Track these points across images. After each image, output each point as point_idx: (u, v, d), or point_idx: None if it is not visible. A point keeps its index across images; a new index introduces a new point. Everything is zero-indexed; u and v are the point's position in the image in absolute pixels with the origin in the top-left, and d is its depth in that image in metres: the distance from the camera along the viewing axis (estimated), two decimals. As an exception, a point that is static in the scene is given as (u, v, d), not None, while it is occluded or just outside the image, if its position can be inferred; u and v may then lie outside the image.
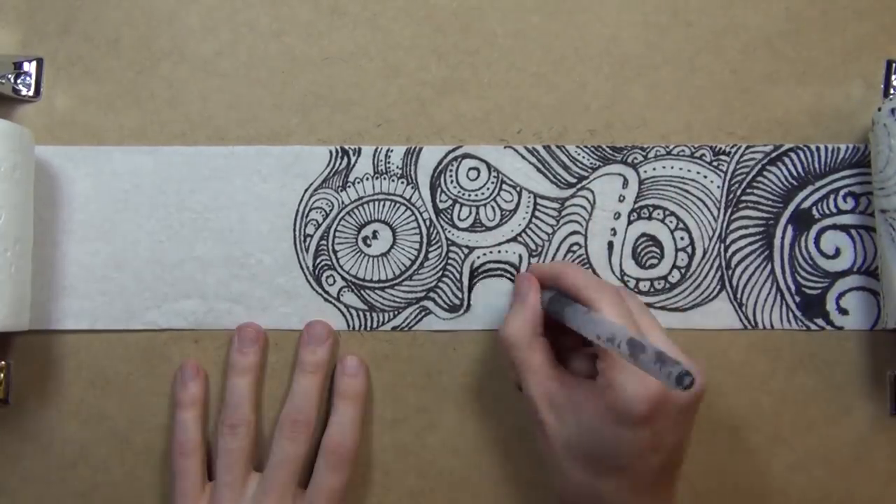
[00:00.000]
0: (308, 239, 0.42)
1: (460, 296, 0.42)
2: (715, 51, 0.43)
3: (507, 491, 0.42)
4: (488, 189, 0.42)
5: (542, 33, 0.43)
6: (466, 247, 0.42)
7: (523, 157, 0.42)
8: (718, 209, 0.42)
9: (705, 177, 0.42)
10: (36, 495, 0.42)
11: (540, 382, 0.36)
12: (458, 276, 0.42)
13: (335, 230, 0.42)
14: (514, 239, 0.42)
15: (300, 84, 0.43)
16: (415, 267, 0.42)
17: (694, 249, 0.42)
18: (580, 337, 0.34)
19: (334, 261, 0.42)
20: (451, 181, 0.42)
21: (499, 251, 0.42)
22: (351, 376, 0.41)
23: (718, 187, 0.42)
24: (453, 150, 0.42)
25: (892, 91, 0.42)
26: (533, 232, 0.42)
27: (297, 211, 0.42)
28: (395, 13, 0.43)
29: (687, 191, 0.42)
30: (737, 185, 0.42)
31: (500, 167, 0.42)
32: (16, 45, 0.43)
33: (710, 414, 0.41)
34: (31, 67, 0.43)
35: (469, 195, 0.42)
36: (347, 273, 0.42)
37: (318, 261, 0.42)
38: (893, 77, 0.42)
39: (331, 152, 0.42)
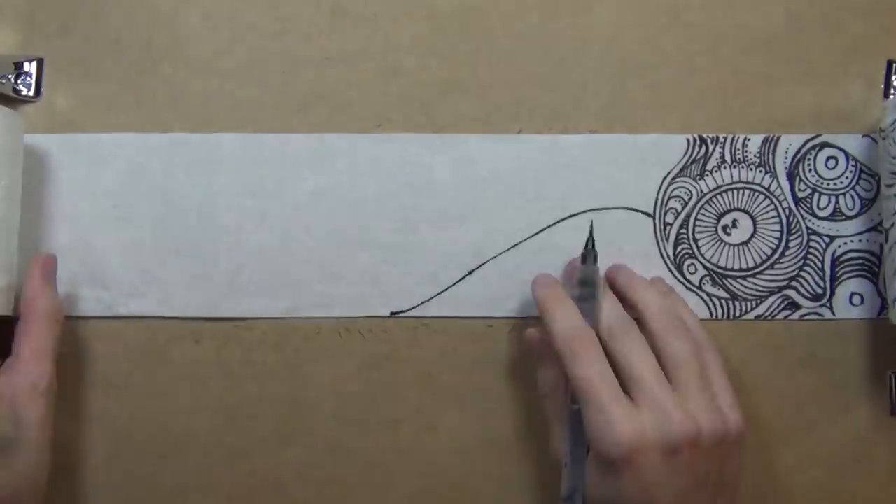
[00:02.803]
0: (668, 227, 0.42)
1: (822, 285, 0.42)
2: (715, 51, 0.43)
3: (507, 491, 0.42)
4: (847, 178, 0.42)
5: (542, 33, 0.43)
6: (827, 236, 0.42)
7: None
8: None
9: None
10: (36, 495, 0.42)
11: None
12: (819, 265, 0.42)
13: (695, 219, 0.42)
14: (874, 228, 0.42)
15: (300, 84, 0.43)
16: (776, 256, 0.42)
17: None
18: None
19: (695, 249, 0.42)
20: (810, 169, 0.42)
21: (860, 241, 0.42)
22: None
23: None
24: (812, 139, 0.42)
25: (892, 90, 0.42)
26: None
27: (657, 200, 0.42)
28: (395, 13, 0.43)
29: None
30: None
31: (857, 156, 0.42)
32: (16, 45, 0.43)
33: (710, 414, 0.41)
34: (31, 67, 0.43)
35: (827, 184, 0.42)
36: (708, 262, 0.42)
37: (678, 249, 0.42)
38: (893, 77, 0.42)
39: (688, 141, 0.42)
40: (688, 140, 0.42)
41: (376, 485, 0.42)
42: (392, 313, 0.42)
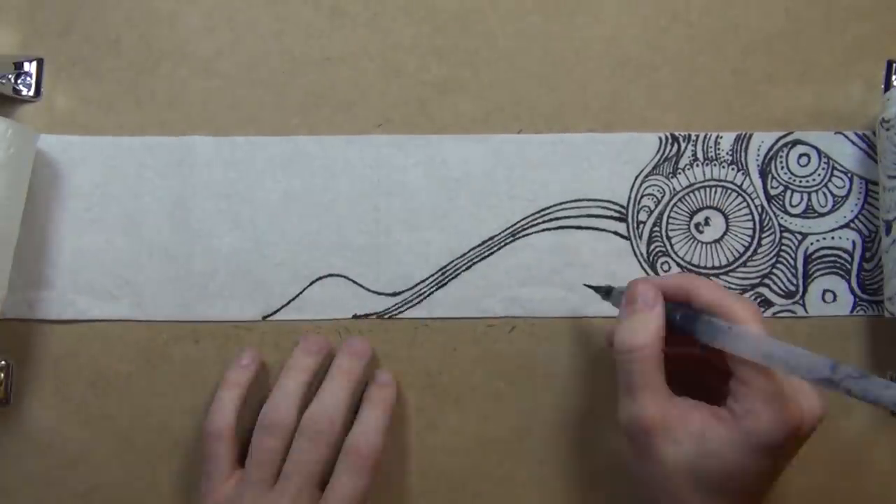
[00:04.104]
0: (641, 226, 0.42)
1: (795, 282, 0.42)
2: (715, 51, 0.43)
3: (507, 491, 0.42)
4: (819, 175, 0.42)
5: (542, 33, 0.43)
6: (800, 233, 0.42)
7: (853, 143, 0.42)
8: None
9: None
10: (36, 495, 0.42)
11: (658, 404, 0.34)
12: (792, 262, 0.42)
13: (668, 217, 0.42)
14: (846, 225, 0.42)
15: (300, 84, 0.43)
16: (748, 253, 0.42)
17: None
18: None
19: (668, 247, 0.42)
20: (782, 167, 0.42)
21: (832, 238, 0.42)
22: (381, 386, 0.41)
23: None
24: (784, 136, 0.42)
25: (893, 86, 0.42)
26: (866, 218, 0.42)
27: (630, 198, 0.42)
28: (395, 13, 0.43)
29: None
30: None
31: (829, 153, 0.42)
32: (16, 45, 0.43)
33: (710, 414, 0.41)
34: (31, 67, 0.43)
35: (800, 181, 0.42)
36: (682, 259, 0.42)
37: (651, 247, 0.42)
38: (894, 77, 0.42)
39: (660, 139, 0.42)
40: (660, 138, 0.42)
41: (376, 485, 0.42)
42: (356, 315, 0.42)
